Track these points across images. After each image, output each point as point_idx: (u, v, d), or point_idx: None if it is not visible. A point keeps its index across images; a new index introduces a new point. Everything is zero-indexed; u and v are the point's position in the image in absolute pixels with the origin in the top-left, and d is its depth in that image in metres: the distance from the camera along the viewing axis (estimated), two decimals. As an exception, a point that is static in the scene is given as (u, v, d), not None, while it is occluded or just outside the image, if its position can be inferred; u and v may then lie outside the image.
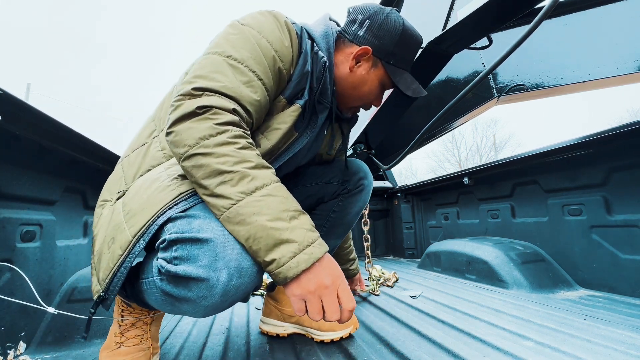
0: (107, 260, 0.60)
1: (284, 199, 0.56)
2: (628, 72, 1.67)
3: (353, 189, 1.05)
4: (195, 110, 0.56)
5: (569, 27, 1.85)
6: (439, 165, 25.36)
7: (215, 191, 0.54)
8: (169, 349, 0.91)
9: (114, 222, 0.62)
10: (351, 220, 1.09)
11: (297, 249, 0.53)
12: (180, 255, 0.53)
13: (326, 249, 0.57)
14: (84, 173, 1.28)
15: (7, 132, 0.86)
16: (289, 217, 0.55)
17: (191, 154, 0.55)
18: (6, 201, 0.90)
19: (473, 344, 0.85)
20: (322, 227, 1.06)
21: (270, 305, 1.03)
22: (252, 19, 0.70)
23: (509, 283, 1.46)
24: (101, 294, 0.59)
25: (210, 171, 0.54)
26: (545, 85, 1.92)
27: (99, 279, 0.61)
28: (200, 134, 0.55)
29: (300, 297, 0.55)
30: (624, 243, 1.30)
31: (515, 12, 1.05)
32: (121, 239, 0.59)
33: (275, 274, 0.53)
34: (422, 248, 2.72)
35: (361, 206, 1.09)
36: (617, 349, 0.79)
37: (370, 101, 0.91)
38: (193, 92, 0.58)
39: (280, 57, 0.69)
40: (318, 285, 0.54)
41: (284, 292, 1.02)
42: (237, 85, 0.61)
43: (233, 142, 0.56)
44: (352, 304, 0.56)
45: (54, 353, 0.89)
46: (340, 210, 1.06)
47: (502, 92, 2.03)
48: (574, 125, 39.12)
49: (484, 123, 24.53)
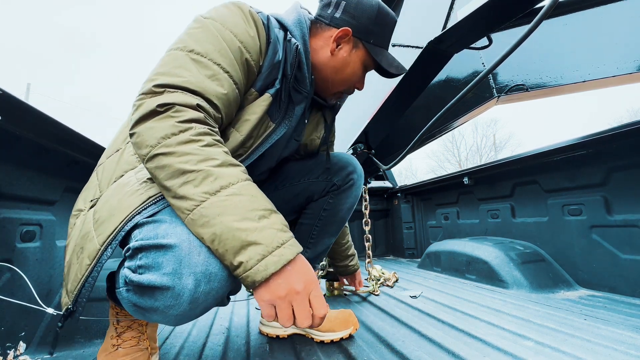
0: (75, 271, 0.58)
1: (252, 197, 0.53)
2: (628, 72, 1.67)
3: (342, 185, 1.03)
4: (156, 108, 0.53)
5: (569, 27, 1.85)
6: (439, 165, 25.37)
7: (178, 192, 0.51)
8: (169, 349, 0.91)
9: (83, 232, 0.60)
10: (344, 216, 1.07)
11: (266, 251, 0.50)
12: (144, 263, 0.50)
13: (299, 250, 0.54)
14: (84, 173, 1.28)
15: (7, 132, 0.86)
16: (258, 217, 0.51)
17: (153, 155, 0.52)
18: (6, 201, 0.90)
19: (473, 344, 0.85)
20: (314, 226, 1.05)
21: None
22: (215, 12, 0.67)
23: (509, 283, 1.46)
24: (69, 306, 0.56)
25: (172, 171, 0.51)
26: (545, 85, 1.92)
27: (68, 290, 0.59)
28: (162, 133, 0.52)
29: (269, 303, 0.51)
30: (624, 243, 1.30)
31: (515, 12, 1.05)
32: (89, 248, 0.56)
33: (242, 278, 0.50)
34: (422, 248, 2.72)
35: (353, 201, 1.06)
36: (617, 349, 0.79)
37: (353, 84, 0.88)
38: (154, 90, 0.55)
39: (246, 48, 0.66)
40: (289, 290, 0.51)
41: None
42: (201, 80, 0.58)
43: (197, 140, 0.53)
44: (324, 310, 0.54)
45: (54, 353, 0.89)
46: (332, 208, 1.04)
47: (502, 92, 2.03)
48: (573, 125, 39.13)
49: (484, 123, 24.54)
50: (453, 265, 1.85)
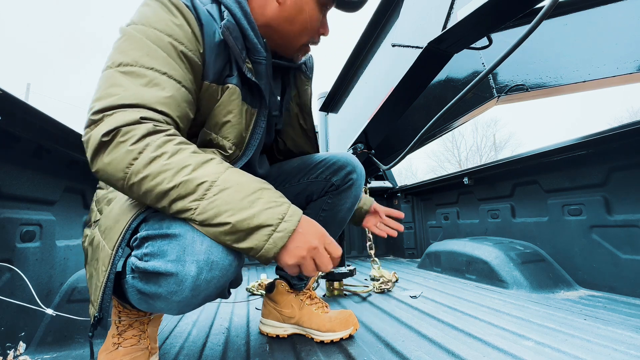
0: (94, 281, 0.60)
1: (237, 185, 0.53)
2: (628, 72, 1.67)
3: (341, 185, 0.99)
4: (101, 139, 0.50)
5: (569, 27, 1.85)
6: (439, 165, 25.37)
7: (172, 210, 0.52)
8: (169, 349, 0.91)
9: (94, 245, 0.63)
10: (344, 217, 1.03)
11: (270, 230, 0.52)
12: (150, 251, 0.53)
13: (299, 214, 0.56)
14: (84, 173, 1.28)
15: (7, 132, 0.86)
16: (250, 203, 0.52)
17: (129, 186, 0.51)
18: (6, 201, 0.90)
19: (473, 344, 0.85)
20: None
21: (269, 307, 1.03)
22: (137, 15, 0.62)
23: (509, 283, 1.46)
24: (96, 314, 0.59)
25: (155, 195, 0.51)
26: (545, 85, 1.92)
27: (92, 300, 0.61)
28: (123, 164, 0.50)
29: (293, 266, 0.55)
30: (624, 243, 1.30)
31: (515, 12, 1.05)
32: (102, 257, 0.59)
33: (258, 258, 0.54)
34: (422, 248, 2.72)
35: (353, 202, 1.03)
36: (617, 349, 0.79)
37: (315, 29, 0.78)
38: (93, 119, 0.52)
39: (177, 40, 0.60)
40: (307, 249, 0.55)
41: (282, 294, 1.01)
42: (137, 91, 0.54)
43: (160, 155, 0.51)
44: (339, 250, 0.59)
45: (53, 353, 0.89)
46: (330, 209, 1.00)
47: (502, 92, 2.02)
48: (574, 125, 39.13)
49: (484, 123, 24.55)
50: (453, 265, 1.85)
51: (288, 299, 1.01)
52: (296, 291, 1.03)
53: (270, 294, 1.03)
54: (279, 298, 1.01)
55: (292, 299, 1.01)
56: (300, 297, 1.02)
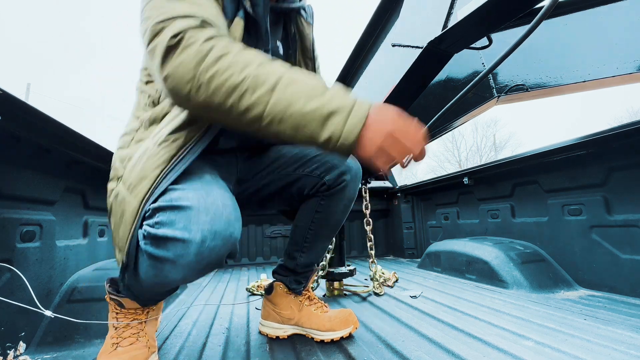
0: (122, 231, 0.65)
1: (305, 78, 0.55)
2: (628, 72, 1.67)
3: (333, 185, 0.96)
4: (169, 42, 0.53)
5: (569, 27, 1.85)
6: (439, 165, 25.36)
7: (241, 106, 0.53)
8: (169, 349, 0.91)
9: (119, 200, 0.68)
10: (338, 219, 1.01)
11: (345, 113, 0.53)
12: (161, 220, 0.58)
13: (369, 102, 0.56)
14: (84, 173, 1.28)
15: (7, 132, 0.86)
16: (321, 92, 0.54)
17: (198, 87, 0.53)
18: (6, 201, 0.90)
19: (473, 344, 0.85)
20: (307, 229, 0.99)
21: (268, 308, 1.02)
22: None
23: (509, 283, 1.46)
24: (124, 259, 0.65)
25: (225, 90, 0.52)
26: (545, 85, 1.91)
27: (119, 249, 0.67)
28: (193, 63, 0.52)
29: (378, 150, 0.54)
30: (624, 243, 1.30)
31: (515, 12, 1.05)
32: (129, 209, 0.64)
33: (338, 148, 0.54)
34: (422, 248, 2.72)
35: (347, 204, 1.00)
36: (617, 349, 0.79)
37: None
38: (155, 29, 0.55)
39: None
40: (391, 125, 0.55)
41: (281, 296, 1.01)
42: (188, 7, 0.58)
43: (226, 53, 0.53)
44: (421, 128, 0.58)
45: (54, 353, 0.89)
46: (324, 210, 0.98)
47: (502, 92, 2.02)
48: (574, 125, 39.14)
49: (484, 123, 24.53)
50: (453, 265, 1.85)
51: (287, 300, 1.01)
52: (295, 293, 1.03)
53: (269, 296, 1.03)
54: (277, 300, 1.01)
55: (290, 300, 1.01)
56: (299, 298, 1.02)
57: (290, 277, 1.02)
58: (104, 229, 1.47)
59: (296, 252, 1.01)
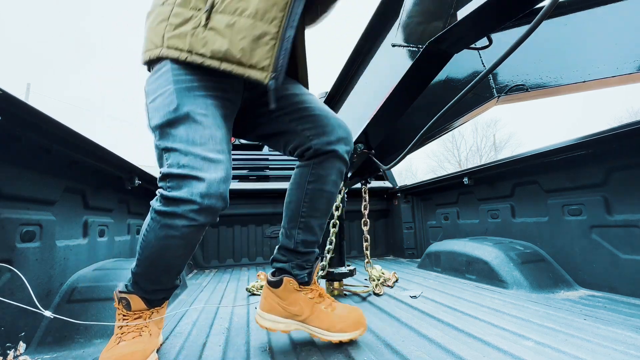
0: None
1: None
2: (628, 72, 1.67)
3: (320, 152, 0.92)
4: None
5: (569, 27, 1.85)
6: (439, 165, 25.36)
7: None
8: (169, 349, 0.91)
9: None
10: (331, 192, 0.97)
11: None
12: (170, 185, 0.71)
13: None
14: (84, 173, 1.28)
15: (7, 132, 0.86)
16: None
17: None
18: (6, 201, 0.90)
19: (473, 344, 0.85)
20: (302, 201, 0.95)
21: (271, 300, 0.95)
22: None
23: (509, 283, 1.46)
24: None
25: None
26: (545, 85, 1.91)
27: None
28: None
29: None
30: (624, 243, 1.30)
31: (515, 12, 1.05)
32: None
33: None
34: (422, 248, 2.72)
35: (337, 176, 0.96)
36: (617, 349, 0.79)
37: None
38: None
39: None
40: None
41: (290, 291, 0.94)
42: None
43: None
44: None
45: (53, 353, 0.89)
46: (316, 180, 0.94)
47: (502, 92, 2.02)
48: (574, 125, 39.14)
49: (484, 123, 24.53)
50: (453, 266, 1.85)
51: (296, 296, 0.94)
52: (304, 287, 0.95)
53: (277, 290, 0.95)
54: (286, 294, 0.94)
55: (300, 297, 0.94)
56: (309, 294, 0.95)
57: (293, 262, 0.96)
58: (104, 229, 1.47)
59: (293, 230, 0.96)
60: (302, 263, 0.96)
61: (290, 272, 0.95)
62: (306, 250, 0.97)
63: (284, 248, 0.98)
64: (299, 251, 0.96)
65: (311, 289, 0.97)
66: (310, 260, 0.98)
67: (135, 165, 1.50)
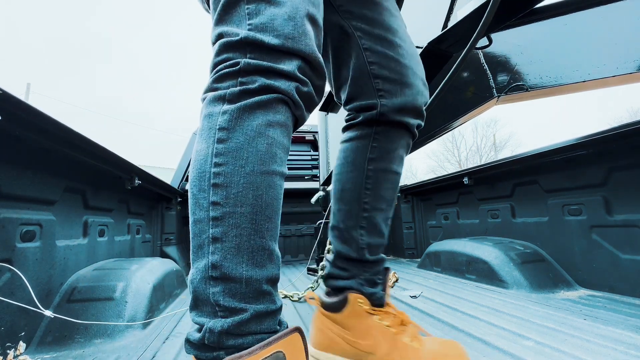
0: None
1: None
2: (628, 72, 1.67)
3: (387, 119, 0.67)
4: None
5: (569, 27, 1.85)
6: (439, 165, 25.37)
7: None
8: (169, 349, 0.91)
9: None
10: (397, 171, 0.72)
11: None
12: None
13: None
14: (84, 173, 1.28)
15: (7, 132, 0.86)
16: None
17: None
18: (6, 201, 0.90)
19: (473, 344, 0.85)
20: (363, 188, 0.70)
21: (328, 332, 0.67)
22: None
23: (509, 283, 1.46)
24: None
25: None
26: (545, 85, 1.91)
27: None
28: None
29: None
30: (624, 243, 1.30)
31: (515, 12, 1.05)
32: None
33: None
34: (422, 248, 2.72)
35: (405, 151, 0.73)
36: (617, 349, 0.78)
37: None
38: None
39: None
40: None
41: (359, 316, 0.65)
42: None
43: None
44: None
45: (53, 353, 0.89)
46: (380, 156, 0.69)
47: (502, 92, 2.02)
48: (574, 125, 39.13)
49: (484, 123, 24.54)
50: (453, 265, 1.85)
51: (368, 323, 0.65)
52: (378, 309, 0.67)
53: (337, 314, 0.66)
54: (353, 322, 0.65)
55: (375, 325, 0.65)
56: (385, 320, 0.66)
57: (360, 277, 0.68)
58: (104, 228, 1.47)
59: (353, 231, 0.70)
60: (372, 277, 0.69)
61: (362, 291, 0.68)
62: (375, 258, 0.71)
63: (344, 258, 0.70)
64: (366, 260, 0.70)
65: (387, 313, 0.68)
66: (381, 273, 0.72)
67: (135, 165, 1.50)
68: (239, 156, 0.44)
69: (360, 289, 0.68)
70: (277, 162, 0.47)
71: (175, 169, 2.82)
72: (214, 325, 0.42)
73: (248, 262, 0.43)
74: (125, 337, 0.98)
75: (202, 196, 0.44)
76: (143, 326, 1.05)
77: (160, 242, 2.34)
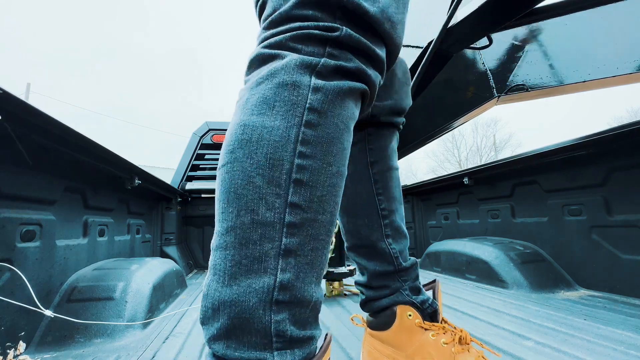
0: None
1: None
2: (628, 72, 1.67)
3: (380, 120, 0.68)
4: None
5: (569, 27, 1.85)
6: (439, 165, 25.38)
7: None
8: (169, 349, 0.91)
9: None
10: (397, 167, 0.73)
11: None
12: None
13: None
14: (84, 173, 1.28)
15: (7, 132, 0.86)
16: None
17: None
18: (6, 201, 0.90)
19: (473, 344, 0.85)
20: (375, 195, 0.68)
21: (378, 354, 0.61)
22: None
23: (509, 283, 1.46)
24: None
25: None
26: (545, 85, 1.91)
27: None
28: None
29: None
30: (624, 243, 1.30)
31: (515, 12, 1.05)
32: None
33: None
34: (422, 248, 2.72)
35: (397, 145, 0.75)
36: (617, 349, 0.78)
37: None
38: None
39: None
40: None
41: (411, 331, 0.59)
42: None
43: None
44: None
45: (53, 353, 0.89)
46: (379, 159, 0.68)
47: (502, 92, 2.02)
48: (574, 125, 39.15)
49: (484, 123, 24.55)
50: (453, 265, 1.85)
51: (423, 340, 0.58)
52: (432, 324, 0.60)
53: (385, 332, 0.60)
54: (403, 339, 0.59)
55: (429, 342, 0.57)
56: (442, 337, 0.58)
57: (404, 289, 0.64)
58: (104, 228, 1.47)
59: (381, 242, 0.66)
60: (414, 284, 0.65)
61: (410, 302, 0.63)
62: (409, 263, 0.68)
63: (380, 275, 0.65)
64: (403, 268, 0.66)
65: (444, 328, 0.60)
66: (418, 277, 0.68)
67: (135, 165, 1.50)
68: (329, 151, 0.35)
69: (409, 299, 0.62)
70: (347, 167, 0.40)
71: (175, 169, 2.82)
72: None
73: (317, 282, 0.35)
74: (125, 337, 0.98)
75: (274, 191, 0.33)
76: (143, 326, 1.05)
77: (160, 242, 2.34)
